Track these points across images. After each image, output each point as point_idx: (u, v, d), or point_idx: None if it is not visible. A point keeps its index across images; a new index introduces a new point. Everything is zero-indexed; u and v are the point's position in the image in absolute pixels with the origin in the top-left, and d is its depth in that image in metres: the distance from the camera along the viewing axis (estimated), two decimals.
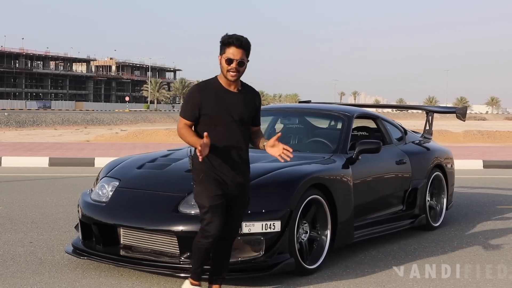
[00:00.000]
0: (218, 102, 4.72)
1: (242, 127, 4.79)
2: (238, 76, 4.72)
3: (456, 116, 8.81)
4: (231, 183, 4.77)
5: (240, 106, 4.76)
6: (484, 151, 21.25)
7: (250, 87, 4.94)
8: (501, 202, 10.55)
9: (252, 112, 4.86)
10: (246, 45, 4.69)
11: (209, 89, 4.76)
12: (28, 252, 6.58)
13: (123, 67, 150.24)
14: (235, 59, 4.65)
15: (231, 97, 4.76)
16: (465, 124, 59.42)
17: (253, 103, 4.89)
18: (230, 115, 4.73)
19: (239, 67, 4.68)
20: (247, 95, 4.85)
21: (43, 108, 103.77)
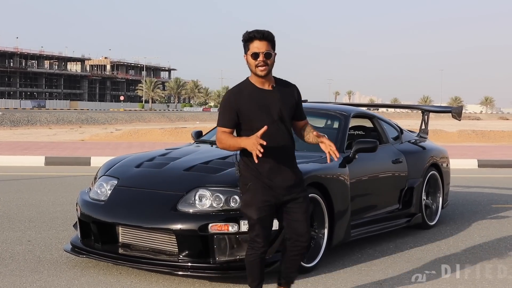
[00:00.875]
0: (255, 104, 4.46)
1: (284, 125, 4.51)
2: (268, 70, 4.45)
3: (452, 115, 8.86)
4: (281, 188, 4.49)
5: (278, 104, 4.49)
6: (479, 150, 21.33)
7: (285, 82, 4.65)
8: (496, 201, 10.61)
9: (292, 107, 4.56)
10: (268, 36, 4.45)
11: (243, 92, 4.51)
12: (27, 250, 6.61)
13: (118, 66, 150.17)
14: (261, 51, 4.41)
15: (266, 96, 4.50)
16: (459, 123, 59.56)
17: (291, 98, 4.58)
18: (270, 115, 4.46)
19: (267, 59, 4.42)
20: (283, 91, 4.56)
21: (38, 107, 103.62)
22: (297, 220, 4.54)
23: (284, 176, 4.50)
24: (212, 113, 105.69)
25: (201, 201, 5.61)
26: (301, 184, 4.60)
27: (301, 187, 4.60)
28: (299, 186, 4.57)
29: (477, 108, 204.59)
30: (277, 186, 4.48)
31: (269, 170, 4.46)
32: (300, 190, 4.57)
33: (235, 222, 5.41)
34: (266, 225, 4.52)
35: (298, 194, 4.55)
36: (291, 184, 4.52)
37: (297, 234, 4.56)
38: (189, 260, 5.47)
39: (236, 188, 5.61)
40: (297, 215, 4.54)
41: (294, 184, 4.54)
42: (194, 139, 7.76)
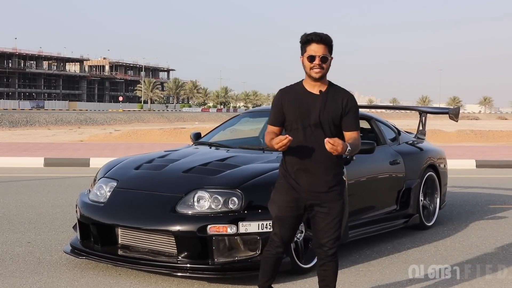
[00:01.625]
0: (296, 106, 4.45)
1: (321, 131, 4.40)
2: (323, 73, 4.40)
3: (449, 116, 8.89)
4: (305, 191, 4.43)
5: (318, 110, 4.40)
6: (477, 151, 21.38)
7: (339, 89, 4.53)
8: (493, 201, 10.66)
9: (336, 115, 4.42)
10: (326, 40, 4.40)
11: (291, 93, 4.51)
12: (27, 252, 6.65)
13: (117, 67, 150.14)
14: (317, 55, 4.37)
15: (310, 100, 4.44)
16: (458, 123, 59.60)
17: (337, 105, 4.42)
18: (307, 119, 4.41)
19: (323, 63, 4.38)
20: (330, 98, 4.44)
21: (37, 108, 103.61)
22: (320, 230, 4.48)
23: (310, 180, 4.43)
24: (211, 113, 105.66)
25: (200, 202, 5.65)
26: (330, 193, 4.44)
27: (330, 196, 4.44)
28: (327, 194, 4.43)
29: (476, 108, 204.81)
30: (301, 188, 4.44)
31: (296, 172, 4.44)
32: (328, 199, 4.43)
33: (233, 224, 5.45)
34: (285, 225, 4.51)
35: (325, 202, 4.44)
36: (316, 189, 4.43)
37: (318, 243, 4.53)
38: (188, 261, 5.51)
39: (234, 190, 5.66)
40: (320, 225, 4.48)
41: (321, 191, 4.43)
42: (193, 140, 7.80)
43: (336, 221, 4.46)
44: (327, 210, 4.44)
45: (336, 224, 4.46)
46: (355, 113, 4.49)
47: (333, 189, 4.45)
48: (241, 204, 5.58)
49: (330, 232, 4.46)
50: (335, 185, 4.46)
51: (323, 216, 4.45)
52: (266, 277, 4.69)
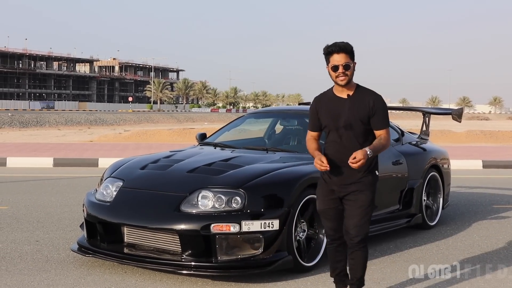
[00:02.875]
0: (328, 110, 4.84)
1: (350, 132, 4.76)
2: (347, 80, 4.75)
3: (452, 117, 8.96)
4: (339, 187, 4.82)
5: (347, 113, 4.77)
6: (484, 151, 21.40)
7: (366, 91, 4.87)
8: (497, 201, 10.72)
9: (364, 115, 4.77)
10: (345, 48, 4.75)
11: (323, 99, 4.91)
12: (35, 250, 6.78)
13: (126, 67, 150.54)
14: (340, 64, 4.72)
15: (340, 104, 4.81)
16: (468, 124, 59.55)
17: (364, 107, 4.77)
18: (338, 122, 4.78)
19: (346, 71, 4.73)
20: (357, 100, 4.79)
21: (47, 108, 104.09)
22: (347, 216, 4.84)
23: (341, 176, 4.80)
24: (220, 114, 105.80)
25: (204, 202, 5.76)
26: (358, 183, 4.79)
27: (358, 186, 4.79)
28: (355, 184, 4.79)
29: (486, 108, 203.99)
30: (333, 183, 4.84)
31: (330, 169, 4.76)
32: (355, 188, 4.79)
33: (236, 223, 5.56)
34: (328, 217, 4.92)
35: (353, 191, 4.79)
36: (346, 183, 4.80)
37: (345, 231, 4.86)
38: (192, 259, 5.62)
39: (238, 190, 5.78)
40: (348, 211, 4.84)
41: (350, 183, 4.80)
42: (198, 141, 7.93)
43: (360, 210, 4.78)
44: (353, 199, 4.80)
45: (361, 213, 4.78)
46: (382, 113, 4.83)
47: (361, 180, 4.80)
48: (244, 203, 5.69)
49: (354, 220, 4.78)
50: (364, 177, 4.81)
51: (349, 204, 4.82)
52: (331, 268, 5.08)
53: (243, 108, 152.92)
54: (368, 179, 4.82)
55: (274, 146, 7.51)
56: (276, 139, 8.03)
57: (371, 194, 4.84)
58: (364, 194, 4.80)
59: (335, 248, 5.00)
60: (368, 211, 4.82)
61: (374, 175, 4.89)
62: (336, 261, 5.03)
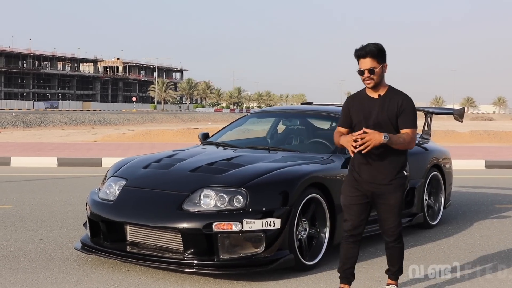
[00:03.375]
0: (359, 109, 5.05)
1: (380, 130, 4.88)
2: (374, 83, 4.95)
3: (454, 117, 8.99)
4: (368, 183, 5.00)
5: (376, 112, 4.97)
6: (488, 151, 21.41)
7: (396, 92, 5.06)
8: (499, 201, 10.75)
9: (393, 115, 4.96)
10: (370, 53, 4.90)
11: (356, 98, 5.13)
12: (39, 248, 6.83)
13: (130, 67, 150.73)
14: (365, 69, 4.92)
15: (370, 103, 5.02)
16: (471, 124, 59.47)
17: (394, 106, 4.97)
18: (367, 121, 4.98)
19: (371, 75, 4.92)
20: (387, 100, 4.99)
21: (51, 108, 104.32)
22: (381, 219, 5.09)
23: (370, 173, 4.98)
24: (224, 114, 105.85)
25: (206, 200, 5.80)
26: (389, 185, 4.97)
27: (389, 188, 4.97)
28: (386, 184, 4.97)
29: (490, 108, 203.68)
30: (362, 180, 5.02)
31: (359, 166, 5.02)
32: (387, 190, 4.97)
33: (238, 221, 5.59)
34: (351, 212, 5.07)
35: (384, 193, 4.98)
36: (377, 182, 4.97)
37: (382, 230, 5.15)
38: (194, 257, 5.66)
39: (239, 189, 5.82)
40: (381, 214, 5.08)
41: (381, 183, 4.97)
42: (201, 140, 7.98)
43: (394, 211, 5.03)
44: (386, 201, 5.00)
45: (395, 214, 5.04)
46: (409, 113, 4.99)
47: (392, 182, 4.98)
48: (245, 202, 5.73)
49: (390, 221, 5.05)
50: (394, 178, 4.99)
51: (384, 207, 5.03)
52: (341, 262, 5.19)
53: (247, 108, 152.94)
54: (397, 180, 5.01)
55: (276, 146, 7.56)
56: (278, 139, 8.08)
57: (401, 195, 5.05)
58: (394, 196, 5.01)
59: (350, 244, 5.13)
60: (401, 210, 5.08)
61: (403, 175, 5.07)
62: (348, 257, 5.16)
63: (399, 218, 5.08)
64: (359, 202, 5.05)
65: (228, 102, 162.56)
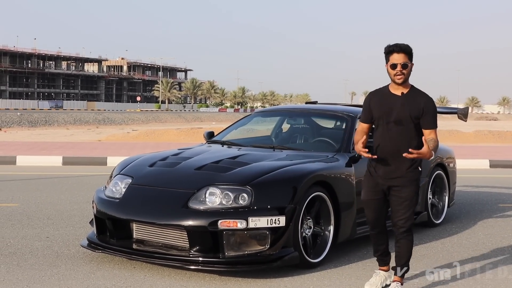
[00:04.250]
0: (381, 105, 5.25)
1: (400, 127, 5.16)
2: (404, 78, 5.16)
3: (458, 116, 8.96)
4: (384, 178, 5.23)
5: (398, 109, 5.17)
6: (492, 151, 21.42)
7: (419, 92, 5.28)
8: (504, 200, 10.78)
9: (414, 114, 5.15)
10: (405, 49, 5.15)
11: (378, 94, 5.33)
12: (45, 246, 6.89)
13: (135, 67, 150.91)
14: (398, 63, 5.12)
15: (393, 100, 5.22)
16: (476, 124, 59.40)
17: (416, 106, 5.16)
18: (388, 117, 5.19)
19: (403, 70, 5.13)
20: (410, 99, 5.20)
21: (55, 108, 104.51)
22: (393, 210, 5.29)
23: (387, 169, 5.22)
24: (228, 113, 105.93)
25: (211, 198, 5.84)
26: (403, 178, 5.19)
27: (403, 181, 5.20)
28: (400, 179, 5.20)
29: (495, 108, 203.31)
30: (378, 175, 5.26)
31: (376, 162, 5.25)
32: (401, 183, 5.20)
33: (243, 219, 5.64)
34: (371, 207, 5.36)
35: (398, 185, 5.21)
36: (391, 176, 5.21)
37: (393, 222, 5.32)
38: (200, 255, 5.70)
39: (245, 187, 5.87)
40: (393, 206, 5.29)
41: (395, 177, 5.20)
42: (206, 139, 8.03)
43: (406, 203, 5.22)
44: (398, 194, 5.22)
45: (406, 206, 5.22)
46: (432, 114, 5.21)
47: (406, 176, 5.20)
48: (251, 200, 5.77)
49: (400, 213, 5.24)
50: (408, 172, 5.20)
51: (395, 199, 5.25)
52: (374, 250, 5.58)
53: (251, 108, 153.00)
54: (412, 174, 5.22)
55: (281, 145, 7.60)
56: (283, 138, 8.12)
57: (415, 188, 5.25)
58: (407, 189, 5.21)
59: (376, 234, 5.48)
60: (412, 204, 5.24)
61: (417, 171, 5.27)
62: (378, 244, 5.52)
63: (409, 211, 5.23)
64: (376, 197, 5.31)
65: (232, 101, 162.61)
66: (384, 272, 5.59)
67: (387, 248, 5.57)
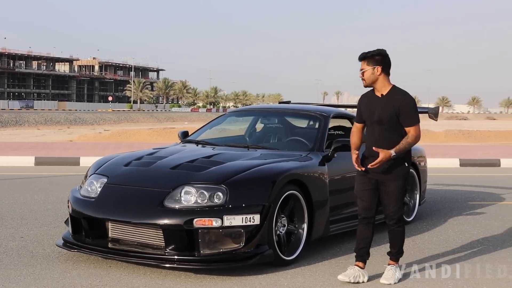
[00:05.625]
0: (366, 107, 5.74)
1: (382, 126, 5.61)
2: (366, 83, 5.67)
3: (429, 116, 9.10)
4: (372, 173, 5.65)
5: (378, 110, 5.60)
6: (462, 150, 21.71)
7: (398, 91, 5.65)
8: (473, 198, 10.98)
9: (393, 113, 5.55)
10: (365, 56, 5.62)
11: (366, 96, 5.80)
12: (20, 246, 6.88)
13: (106, 67, 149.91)
14: (360, 69, 5.67)
15: (374, 101, 5.68)
16: (446, 123, 60.00)
17: (393, 105, 5.55)
18: (371, 117, 5.67)
19: (363, 76, 5.63)
20: (388, 99, 5.59)
21: (26, 108, 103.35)
22: (383, 203, 5.76)
23: (375, 167, 5.56)
24: (201, 113, 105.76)
25: (187, 197, 5.89)
26: (389, 174, 5.62)
27: (389, 177, 5.62)
28: (387, 175, 5.62)
29: (465, 108, 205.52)
30: (369, 171, 5.67)
31: (366, 158, 5.71)
32: (387, 179, 5.63)
33: (218, 217, 5.70)
34: (363, 198, 5.78)
35: (385, 181, 5.64)
36: (377, 171, 5.61)
37: (384, 214, 5.83)
38: (175, 253, 5.75)
39: (220, 185, 5.93)
40: (382, 200, 5.75)
41: (382, 173, 5.62)
42: (181, 139, 8.07)
43: (394, 197, 5.68)
44: (386, 188, 5.67)
45: (393, 201, 5.69)
46: (409, 111, 5.57)
47: (393, 171, 5.62)
48: (226, 198, 5.84)
49: (390, 206, 5.71)
50: (393, 168, 5.61)
51: (384, 193, 5.71)
52: (357, 244, 5.89)
53: (223, 107, 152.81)
54: (398, 170, 5.63)
55: (255, 144, 7.67)
56: (256, 137, 8.19)
57: (401, 183, 5.66)
58: (394, 184, 5.64)
59: (364, 226, 5.82)
60: (400, 197, 5.70)
61: (404, 166, 5.66)
62: (362, 238, 5.83)
63: (398, 204, 5.69)
64: (368, 188, 5.73)
65: (204, 101, 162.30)
66: (359, 268, 5.78)
67: (368, 246, 5.86)
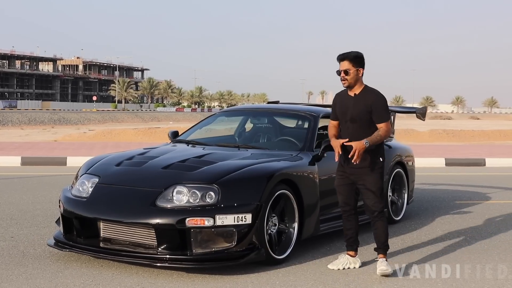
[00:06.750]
0: (340, 106, 6.04)
1: (355, 124, 5.91)
2: (348, 83, 5.92)
3: (416, 115, 9.21)
4: (349, 169, 5.97)
5: (351, 108, 5.91)
6: (447, 149, 21.86)
7: (369, 90, 5.98)
8: (459, 197, 11.09)
9: (365, 112, 5.87)
10: (346, 57, 5.89)
11: (341, 96, 6.11)
12: (10, 246, 6.88)
13: (90, 66, 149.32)
14: (341, 70, 5.90)
15: (348, 100, 5.99)
16: (431, 123, 60.32)
17: (365, 104, 5.87)
18: (345, 116, 5.96)
19: (345, 76, 5.88)
20: (361, 98, 5.91)
21: (9, 107, 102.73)
22: (363, 198, 6.05)
23: (350, 160, 5.86)
24: (186, 113, 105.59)
25: (179, 197, 5.93)
26: (363, 169, 5.91)
27: (364, 171, 5.92)
28: (361, 169, 5.91)
29: (449, 108, 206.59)
30: (346, 166, 6.01)
31: (342, 154, 5.95)
32: (362, 174, 5.92)
33: (210, 217, 5.73)
34: (341, 192, 6.12)
35: (361, 177, 5.93)
36: (354, 167, 5.91)
37: (365, 209, 6.10)
38: (168, 252, 5.78)
39: (211, 185, 5.97)
40: (362, 194, 6.05)
41: (357, 168, 5.91)
42: (171, 139, 8.09)
43: (371, 192, 5.95)
44: (363, 183, 5.96)
45: (372, 194, 5.95)
46: (380, 109, 5.89)
47: (368, 167, 5.91)
48: (217, 198, 5.87)
49: (369, 200, 5.98)
50: (368, 165, 5.91)
51: (362, 188, 6.00)
52: (344, 234, 6.25)
53: (208, 107, 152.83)
54: (373, 165, 5.91)
55: (245, 144, 7.71)
56: (246, 137, 8.23)
57: (378, 176, 5.95)
58: (371, 178, 5.92)
59: (347, 217, 6.16)
60: (377, 190, 5.96)
61: (378, 161, 5.96)
62: (347, 228, 6.18)
63: (377, 197, 5.94)
64: (345, 183, 6.05)
65: (189, 101, 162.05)
66: (349, 256, 6.16)
67: (355, 235, 6.18)
